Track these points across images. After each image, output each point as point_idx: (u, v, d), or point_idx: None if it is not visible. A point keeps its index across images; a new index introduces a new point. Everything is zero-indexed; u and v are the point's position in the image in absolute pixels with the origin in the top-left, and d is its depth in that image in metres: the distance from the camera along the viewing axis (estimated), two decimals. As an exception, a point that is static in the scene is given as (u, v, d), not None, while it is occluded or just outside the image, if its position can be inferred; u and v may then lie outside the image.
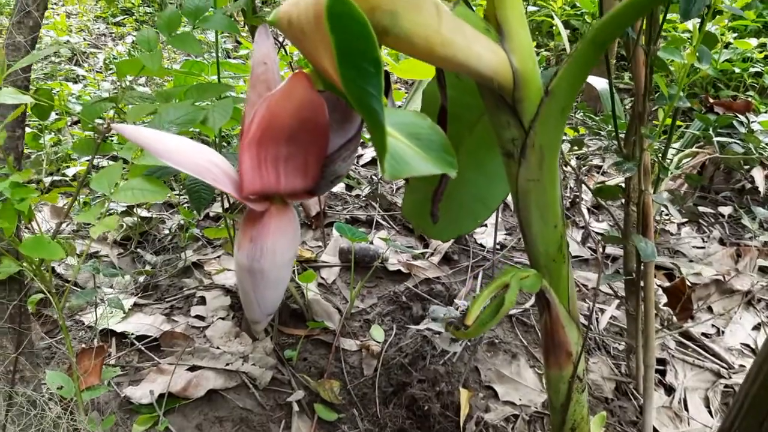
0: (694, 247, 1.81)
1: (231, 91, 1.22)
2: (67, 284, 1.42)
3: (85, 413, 0.91)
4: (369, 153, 2.27)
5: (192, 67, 1.41)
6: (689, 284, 1.40)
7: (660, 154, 1.14)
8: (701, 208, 2.01)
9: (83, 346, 1.25)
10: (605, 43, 0.50)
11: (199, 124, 0.90)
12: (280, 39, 1.45)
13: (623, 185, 1.09)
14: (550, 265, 0.57)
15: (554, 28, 2.89)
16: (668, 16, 1.56)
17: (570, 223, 1.93)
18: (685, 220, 1.95)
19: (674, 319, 1.40)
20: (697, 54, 0.95)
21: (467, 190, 0.85)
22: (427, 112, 0.86)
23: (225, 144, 1.89)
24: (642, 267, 1.12)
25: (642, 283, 1.12)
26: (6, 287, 0.90)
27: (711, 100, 1.85)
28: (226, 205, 1.37)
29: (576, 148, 2.27)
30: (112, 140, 1.45)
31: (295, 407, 1.16)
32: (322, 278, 1.59)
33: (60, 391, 0.83)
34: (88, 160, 1.82)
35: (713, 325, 1.48)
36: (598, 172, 2.30)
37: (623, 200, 1.10)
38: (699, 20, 0.95)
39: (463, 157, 0.83)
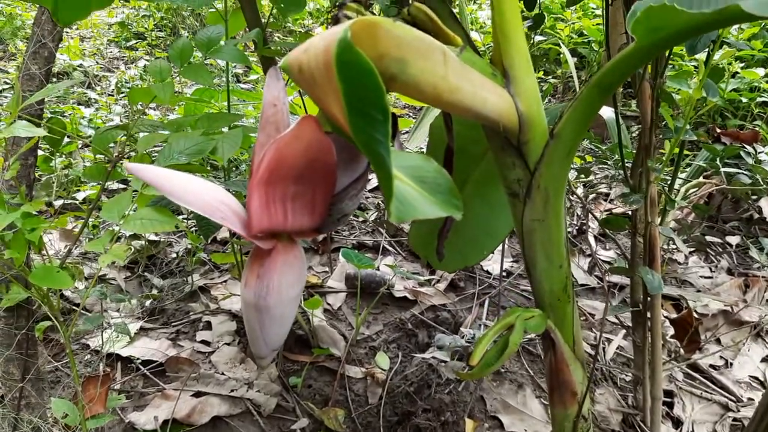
0: (701, 276, 1.80)
1: (241, 119, 1.24)
2: (75, 308, 1.43)
3: (89, 441, 0.91)
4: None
5: (203, 93, 1.44)
6: (696, 316, 1.39)
7: (666, 185, 1.14)
8: (709, 238, 2.00)
9: (89, 371, 1.25)
10: (612, 86, 0.51)
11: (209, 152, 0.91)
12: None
13: (630, 213, 1.09)
14: (555, 305, 0.57)
15: (562, 56, 2.92)
16: (674, 48, 1.57)
17: (577, 251, 1.93)
18: (692, 249, 1.94)
19: (681, 351, 1.39)
20: (704, 88, 0.96)
21: (474, 222, 0.85)
22: (434, 148, 0.87)
23: (234, 168, 1.91)
24: (649, 298, 1.11)
25: (649, 315, 1.12)
26: (14, 314, 0.91)
27: (718, 130, 1.85)
28: (234, 230, 1.38)
29: (583, 176, 2.28)
30: (122, 165, 1.46)
31: (299, 436, 1.16)
32: (328, 304, 1.59)
33: (65, 419, 0.83)
34: (98, 184, 1.84)
35: (721, 357, 1.47)
36: (605, 200, 2.30)
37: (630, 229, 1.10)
38: (706, 53, 0.95)
39: (470, 191, 0.84)
